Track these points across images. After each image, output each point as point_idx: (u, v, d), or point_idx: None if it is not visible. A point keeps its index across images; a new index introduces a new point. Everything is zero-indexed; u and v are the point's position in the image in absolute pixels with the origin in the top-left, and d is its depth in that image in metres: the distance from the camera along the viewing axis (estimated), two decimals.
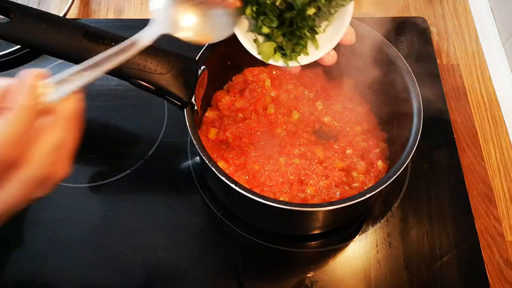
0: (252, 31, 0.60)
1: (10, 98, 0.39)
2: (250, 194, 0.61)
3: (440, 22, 1.03)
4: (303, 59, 0.62)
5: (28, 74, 0.40)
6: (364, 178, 0.73)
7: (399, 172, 0.64)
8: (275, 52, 0.61)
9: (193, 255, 0.74)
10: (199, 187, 0.80)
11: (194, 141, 0.65)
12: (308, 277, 0.73)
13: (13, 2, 0.55)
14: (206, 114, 0.80)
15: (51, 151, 0.40)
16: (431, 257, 0.75)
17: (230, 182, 0.62)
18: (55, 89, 0.41)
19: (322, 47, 0.62)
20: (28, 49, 0.90)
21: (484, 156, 0.86)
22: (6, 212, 0.41)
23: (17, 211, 0.42)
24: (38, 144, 0.40)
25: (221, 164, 0.74)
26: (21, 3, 0.57)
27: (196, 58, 0.68)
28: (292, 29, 0.60)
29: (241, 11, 0.59)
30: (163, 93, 0.64)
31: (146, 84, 0.62)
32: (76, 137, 0.43)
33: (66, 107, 0.41)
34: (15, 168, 0.39)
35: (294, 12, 0.58)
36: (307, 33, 0.60)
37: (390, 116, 0.77)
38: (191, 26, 0.56)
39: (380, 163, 0.75)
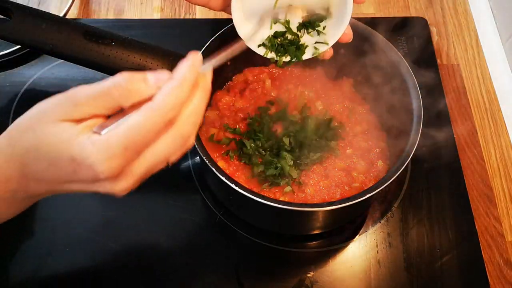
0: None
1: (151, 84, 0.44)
2: (250, 194, 0.61)
3: (440, 22, 1.03)
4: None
5: (193, 56, 0.46)
6: (364, 178, 0.73)
7: (399, 172, 0.64)
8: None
9: (193, 255, 0.74)
10: (199, 187, 0.80)
11: (194, 141, 0.65)
12: (308, 277, 0.73)
13: (13, 2, 0.55)
14: (206, 114, 0.80)
15: (194, 112, 0.46)
16: (431, 257, 0.75)
17: (230, 182, 0.62)
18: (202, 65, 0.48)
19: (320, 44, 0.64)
20: (28, 49, 0.90)
21: (484, 156, 0.86)
22: (153, 170, 0.46)
23: (158, 171, 0.47)
24: (186, 105, 0.45)
25: (221, 164, 0.74)
26: (21, 3, 0.57)
27: None
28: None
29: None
30: None
31: None
32: (204, 111, 0.48)
33: (205, 81, 0.48)
34: (169, 126, 0.44)
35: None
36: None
37: (390, 116, 0.77)
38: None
39: (380, 163, 0.75)
